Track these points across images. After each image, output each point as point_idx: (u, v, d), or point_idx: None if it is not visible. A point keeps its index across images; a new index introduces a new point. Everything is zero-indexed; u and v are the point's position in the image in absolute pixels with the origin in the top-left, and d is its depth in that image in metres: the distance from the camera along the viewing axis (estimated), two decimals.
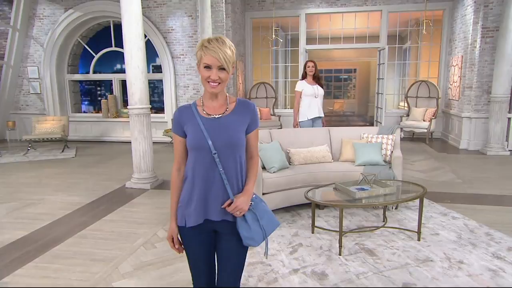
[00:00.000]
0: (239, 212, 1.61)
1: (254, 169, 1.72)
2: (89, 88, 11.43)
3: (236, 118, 1.64)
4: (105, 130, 9.43)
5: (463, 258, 3.05)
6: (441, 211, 4.13)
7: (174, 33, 8.65)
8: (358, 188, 3.45)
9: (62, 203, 4.64)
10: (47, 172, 6.21)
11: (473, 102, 7.63)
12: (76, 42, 9.55)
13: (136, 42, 4.81)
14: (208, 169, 1.61)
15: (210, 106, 1.66)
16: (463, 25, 7.89)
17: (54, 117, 8.47)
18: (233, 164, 1.62)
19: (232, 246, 1.67)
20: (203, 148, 1.59)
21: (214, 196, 1.62)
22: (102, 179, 5.73)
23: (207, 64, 1.55)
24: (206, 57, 1.54)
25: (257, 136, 1.73)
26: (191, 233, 1.68)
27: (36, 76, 9.40)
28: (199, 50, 1.57)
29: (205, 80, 1.59)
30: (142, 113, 5.00)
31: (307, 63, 5.43)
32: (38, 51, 9.32)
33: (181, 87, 8.87)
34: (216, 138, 1.59)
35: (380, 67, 8.95)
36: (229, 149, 1.60)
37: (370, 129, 5.01)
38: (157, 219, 4.04)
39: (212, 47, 1.53)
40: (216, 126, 1.61)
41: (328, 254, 3.15)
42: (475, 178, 5.49)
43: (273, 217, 1.72)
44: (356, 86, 16.07)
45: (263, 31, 9.77)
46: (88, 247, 3.38)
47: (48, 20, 9.15)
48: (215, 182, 1.61)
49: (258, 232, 1.64)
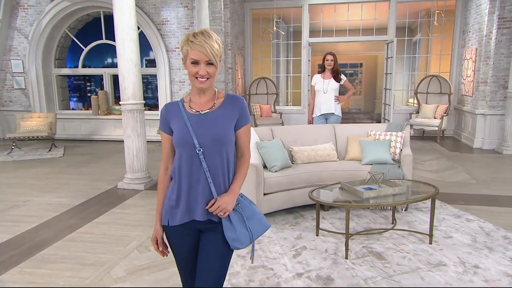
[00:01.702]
0: (223, 212, 1.62)
1: (243, 168, 1.74)
2: (78, 83, 11.42)
3: (223, 113, 1.66)
4: (95, 128, 9.43)
5: (478, 262, 3.05)
6: (454, 213, 4.13)
7: (169, 24, 8.65)
8: (365, 188, 3.46)
9: (49, 204, 4.64)
10: (33, 173, 6.20)
11: (488, 98, 7.64)
12: (63, 34, 9.54)
13: (128, 32, 4.81)
14: (193, 166, 1.63)
15: (197, 102, 1.69)
16: (478, 15, 7.91)
17: (40, 114, 8.45)
18: (219, 161, 1.64)
19: (215, 247, 1.68)
20: (188, 144, 1.61)
21: (199, 195, 1.64)
22: (93, 180, 5.73)
23: (194, 59, 1.58)
24: (192, 52, 1.57)
25: (248, 133, 1.74)
26: (176, 233, 1.71)
27: (21, 70, 9.39)
28: (184, 45, 1.59)
29: (193, 76, 1.61)
30: (135, 109, 5.01)
31: (326, 55, 5.43)
32: (22, 44, 9.30)
33: (176, 83, 8.87)
34: (201, 134, 1.61)
35: (388, 61, 8.96)
36: (215, 146, 1.62)
37: (378, 126, 5.02)
38: (151, 221, 4.03)
39: (198, 42, 1.55)
40: (202, 122, 1.64)
41: (334, 258, 3.15)
42: (490, 179, 5.49)
43: (262, 219, 1.73)
44: (363, 82, 16.08)
45: (264, 23, 9.77)
46: (77, 251, 3.38)
47: (33, 10, 9.13)
48: (200, 180, 1.64)
49: (244, 234, 1.65)
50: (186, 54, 1.60)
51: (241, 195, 1.72)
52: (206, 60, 1.57)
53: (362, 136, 4.75)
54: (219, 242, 1.67)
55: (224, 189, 1.67)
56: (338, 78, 5.44)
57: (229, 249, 1.68)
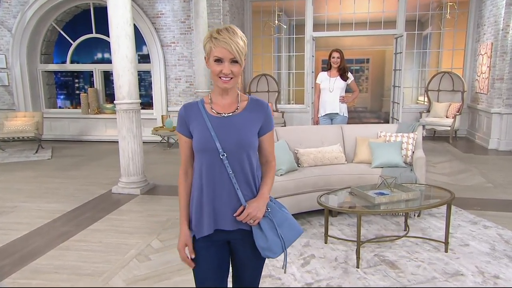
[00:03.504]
0: (253, 220, 1.62)
1: (270, 173, 1.76)
2: (65, 80, 11.45)
3: (248, 117, 1.68)
4: (85, 128, 9.46)
5: (498, 272, 3.10)
6: (470, 219, 4.19)
7: (164, 18, 8.69)
8: (377, 193, 3.51)
9: (39, 211, 4.67)
10: (19, 176, 6.23)
11: (504, 96, 7.70)
12: (50, 27, 9.56)
13: (124, 28, 4.86)
14: (216, 173, 1.63)
15: (219, 104, 1.69)
16: (494, 7, 7.97)
17: (25, 113, 8.46)
18: (244, 166, 1.65)
19: (247, 257, 1.70)
20: (210, 149, 1.62)
21: (224, 203, 1.64)
22: (85, 184, 5.76)
23: (218, 57, 1.58)
24: (216, 49, 1.57)
25: (272, 140, 1.76)
26: (200, 246, 1.70)
27: (4, 66, 9.41)
28: (207, 42, 1.60)
29: (216, 76, 1.62)
30: (131, 108, 5.04)
31: (332, 52, 5.47)
32: (5, 37, 9.31)
33: (172, 80, 8.91)
34: (225, 139, 1.62)
35: (396, 56, 9.01)
36: (239, 151, 1.63)
37: (388, 126, 5.07)
38: (150, 228, 4.08)
39: (222, 38, 1.56)
40: (226, 126, 1.64)
41: (344, 267, 3.20)
42: (507, 182, 5.55)
43: (294, 224, 1.73)
44: (369, 78, 16.14)
45: (265, 16, 9.82)
46: (72, 260, 3.41)
47: (16, 1, 9.13)
48: (224, 187, 1.64)
49: (276, 242, 1.64)
50: (209, 51, 1.60)
51: (270, 199, 1.72)
52: (231, 57, 1.58)
53: (371, 137, 4.80)
54: (251, 253, 1.68)
55: (252, 195, 1.68)
56: (345, 77, 5.48)
57: (261, 258, 1.70)
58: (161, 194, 5.21)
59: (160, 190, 5.39)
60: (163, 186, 5.57)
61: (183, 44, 8.71)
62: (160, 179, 5.83)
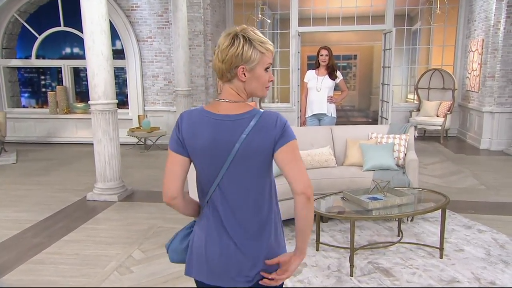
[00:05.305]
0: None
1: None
2: (30, 76, 11.18)
3: None
4: (54, 129, 9.30)
5: (494, 278, 3.21)
6: (464, 223, 4.33)
7: (139, 11, 8.62)
8: (370, 198, 3.59)
9: (6, 220, 4.59)
10: None
11: (495, 94, 7.92)
12: (12, 19, 9.35)
13: (99, 23, 4.81)
14: None
15: None
16: (485, 2, 8.19)
17: None
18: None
19: None
20: None
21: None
22: (56, 190, 5.68)
23: (271, 63, 1.51)
24: (269, 55, 1.48)
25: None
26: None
27: None
28: (251, 49, 1.43)
29: (263, 86, 1.53)
30: (108, 109, 5.00)
31: (320, 50, 5.54)
32: None
33: (148, 77, 8.85)
34: None
35: (385, 53, 9.17)
36: None
37: (379, 127, 5.19)
38: (131, 237, 4.06)
39: (268, 42, 1.48)
40: None
41: (337, 275, 3.27)
42: (501, 184, 5.74)
43: None
44: (357, 76, 16.37)
45: (247, 10, 9.87)
46: (47, 275, 3.37)
47: None
48: None
49: None
50: (260, 59, 1.46)
51: None
52: None
53: (362, 139, 4.90)
54: None
55: None
56: (333, 75, 5.55)
57: None
58: (140, 201, 5.18)
59: (139, 196, 5.36)
60: (142, 191, 5.55)
61: (160, 39, 8.67)
62: (138, 184, 5.81)
